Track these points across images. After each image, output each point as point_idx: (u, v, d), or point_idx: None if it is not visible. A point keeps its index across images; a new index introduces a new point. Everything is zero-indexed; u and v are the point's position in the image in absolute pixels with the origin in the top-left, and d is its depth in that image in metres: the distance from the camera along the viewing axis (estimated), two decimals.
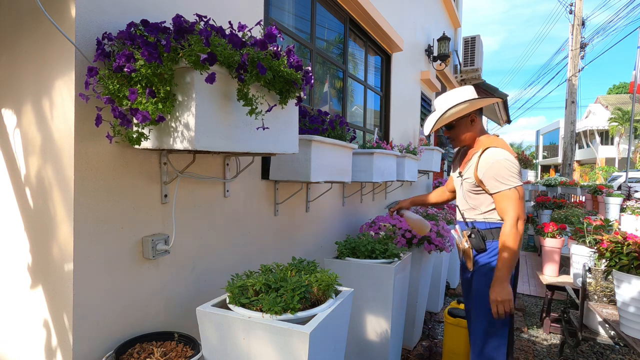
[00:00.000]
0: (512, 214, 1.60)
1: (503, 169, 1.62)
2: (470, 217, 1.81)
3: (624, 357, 2.76)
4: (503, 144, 1.71)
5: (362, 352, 2.18)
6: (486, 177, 1.66)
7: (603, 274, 2.27)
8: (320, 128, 1.99)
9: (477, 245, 1.73)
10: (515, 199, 1.61)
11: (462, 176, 1.82)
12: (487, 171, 1.65)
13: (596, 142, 29.08)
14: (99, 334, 1.22)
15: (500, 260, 1.60)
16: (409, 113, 4.78)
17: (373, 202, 3.53)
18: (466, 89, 1.79)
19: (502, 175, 1.62)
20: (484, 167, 1.66)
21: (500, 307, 1.59)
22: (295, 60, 1.29)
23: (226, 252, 1.74)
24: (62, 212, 1.16)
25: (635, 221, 4.45)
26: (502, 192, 1.63)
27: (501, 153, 1.65)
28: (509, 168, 1.62)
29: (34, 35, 1.22)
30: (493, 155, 1.65)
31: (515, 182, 1.62)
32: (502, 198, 1.63)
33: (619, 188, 5.75)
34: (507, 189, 1.62)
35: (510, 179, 1.62)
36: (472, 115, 1.78)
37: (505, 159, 1.63)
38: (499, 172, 1.63)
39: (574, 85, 11.35)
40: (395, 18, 4.00)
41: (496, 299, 1.59)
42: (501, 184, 1.63)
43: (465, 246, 1.78)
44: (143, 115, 1.02)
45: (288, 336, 1.11)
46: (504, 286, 1.58)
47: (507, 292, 1.58)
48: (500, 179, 1.63)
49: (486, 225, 1.74)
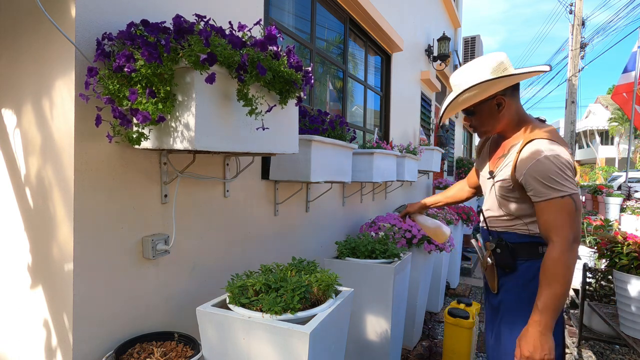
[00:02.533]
0: (566, 233, 1.14)
1: (553, 167, 1.16)
2: (498, 226, 1.38)
3: (624, 357, 2.76)
4: (554, 135, 1.24)
5: (362, 352, 2.18)
6: (528, 178, 1.20)
7: (603, 274, 2.27)
8: (320, 128, 1.99)
9: (503, 263, 1.34)
10: (570, 211, 1.15)
11: (493, 177, 1.36)
12: (529, 171, 1.20)
13: (596, 142, 29.09)
14: (99, 334, 1.22)
15: (541, 298, 1.14)
16: (409, 113, 4.78)
17: (373, 202, 3.53)
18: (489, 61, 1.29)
19: (550, 176, 1.16)
20: (525, 165, 1.21)
21: None
22: (295, 61, 1.29)
23: (226, 252, 1.75)
24: (62, 212, 1.16)
25: (635, 221, 4.45)
26: (552, 200, 1.16)
27: (551, 147, 1.19)
28: (562, 168, 1.16)
29: (34, 35, 1.22)
30: (539, 149, 1.20)
31: (570, 189, 1.16)
32: (551, 208, 1.17)
33: (619, 188, 5.76)
34: (558, 196, 1.16)
35: (564, 182, 1.16)
36: (498, 97, 1.31)
37: (557, 155, 1.17)
38: (547, 173, 1.17)
39: (574, 85, 11.35)
40: (395, 18, 4.00)
41: (531, 356, 1.12)
42: (550, 188, 1.17)
43: (489, 262, 1.39)
44: (143, 116, 1.03)
45: (288, 336, 1.11)
46: (544, 336, 1.11)
47: (550, 348, 1.11)
48: (549, 182, 1.17)
49: (519, 238, 1.31)
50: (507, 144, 1.36)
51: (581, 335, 2.35)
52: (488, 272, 1.42)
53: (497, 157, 1.39)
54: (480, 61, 1.32)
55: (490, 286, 1.42)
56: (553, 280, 1.13)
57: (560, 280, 1.12)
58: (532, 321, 1.15)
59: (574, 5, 11.60)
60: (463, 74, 1.33)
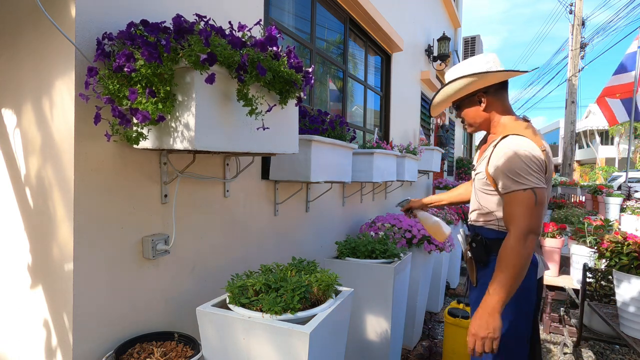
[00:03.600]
0: (521, 224, 1.21)
1: (519, 162, 1.23)
2: (478, 221, 1.45)
3: (624, 357, 2.76)
4: (529, 133, 1.30)
5: (362, 352, 2.18)
6: (497, 172, 1.27)
7: (603, 274, 2.27)
8: (320, 128, 1.99)
9: (477, 257, 1.41)
10: (529, 204, 1.21)
11: (475, 170, 1.46)
12: (498, 164, 1.27)
13: (596, 142, 29.09)
14: (99, 334, 1.22)
15: (493, 282, 1.22)
16: (409, 113, 4.78)
17: (373, 202, 3.53)
18: (477, 60, 1.40)
19: (516, 170, 1.23)
20: (496, 159, 1.29)
21: (479, 343, 1.20)
22: (296, 61, 1.29)
23: (226, 252, 1.74)
24: (62, 212, 1.16)
25: (635, 221, 4.45)
26: (514, 192, 1.23)
27: (521, 142, 1.25)
28: (528, 162, 1.22)
29: (33, 35, 1.22)
30: (509, 144, 1.27)
31: (534, 182, 1.22)
32: (512, 201, 1.24)
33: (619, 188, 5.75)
34: (520, 189, 1.22)
35: (527, 176, 1.22)
36: (479, 94, 1.41)
37: (525, 150, 1.23)
38: (513, 166, 1.23)
39: (574, 85, 11.34)
40: (395, 18, 4.00)
41: (478, 334, 1.20)
42: (514, 181, 1.23)
43: (469, 255, 1.46)
44: (143, 115, 1.03)
45: (288, 336, 1.11)
46: (491, 318, 1.19)
47: (494, 328, 1.18)
48: (514, 175, 1.23)
49: (497, 234, 1.37)
50: (490, 139, 1.43)
51: (581, 335, 2.35)
52: (468, 264, 1.49)
53: (481, 152, 1.47)
54: (469, 60, 1.42)
55: (471, 279, 1.48)
56: (505, 267, 1.21)
57: (511, 267, 1.20)
58: (482, 303, 1.23)
59: (574, 5, 11.59)
60: (452, 71, 1.45)
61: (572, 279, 2.84)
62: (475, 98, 1.43)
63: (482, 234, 1.42)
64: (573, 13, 11.58)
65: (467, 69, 1.40)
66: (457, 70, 1.43)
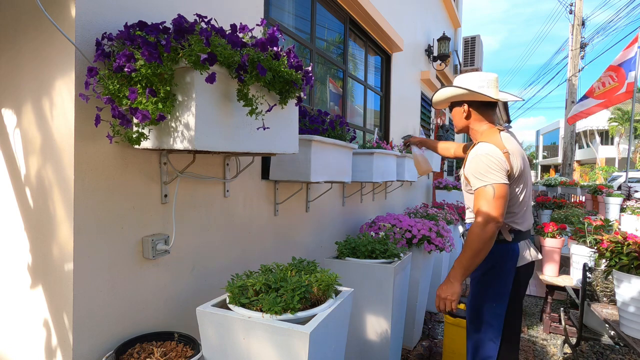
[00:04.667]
0: (483, 214, 1.46)
1: (481, 163, 1.49)
2: (469, 218, 1.74)
3: (624, 357, 2.76)
4: (495, 139, 1.55)
5: (362, 352, 2.18)
6: (469, 173, 1.56)
7: (603, 274, 2.27)
8: (320, 128, 1.99)
9: None
10: (488, 197, 1.45)
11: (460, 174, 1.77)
12: (469, 167, 1.55)
13: (596, 142, 29.09)
14: (99, 334, 1.22)
15: (459, 257, 1.52)
16: (409, 113, 4.78)
17: (373, 202, 3.53)
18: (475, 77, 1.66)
19: (479, 170, 1.49)
20: (468, 163, 1.57)
21: (441, 303, 1.55)
22: (296, 61, 1.29)
23: (226, 252, 1.74)
24: (62, 212, 1.16)
25: (635, 221, 4.45)
26: (478, 189, 1.50)
27: (485, 147, 1.52)
28: (488, 163, 1.47)
29: (34, 35, 1.22)
30: (476, 150, 1.54)
31: (493, 179, 1.46)
32: (477, 195, 1.50)
33: (619, 188, 5.74)
34: (482, 185, 1.48)
35: (487, 174, 1.47)
36: (463, 105, 1.69)
37: (486, 154, 1.49)
38: (477, 168, 1.50)
39: (574, 85, 11.34)
40: (395, 18, 4.00)
41: (440, 295, 1.55)
42: (477, 180, 1.50)
43: None
44: (143, 115, 1.02)
45: (288, 336, 1.11)
46: (451, 285, 1.52)
47: (452, 292, 1.52)
48: (477, 175, 1.50)
49: None
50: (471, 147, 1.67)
51: (581, 335, 2.35)
52: None
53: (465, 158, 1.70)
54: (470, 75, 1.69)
55: None
56: (468, 247, 1.49)
57: (472, 248, 1.48)
58: (448, 274, 1.55)
59: (574, 5, 11.60)
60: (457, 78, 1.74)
61: (572, 279, 2.84)
62: (460, 107, 1.72)
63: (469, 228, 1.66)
64: (573, 13, 11.59)
65: (464, 81, 1.68)
66: (458, 80, 1.71)
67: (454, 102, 1.74)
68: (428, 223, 2.72)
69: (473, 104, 1.67)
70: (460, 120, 1.73)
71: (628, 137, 7.42)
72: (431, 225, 2.70)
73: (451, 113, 1.79)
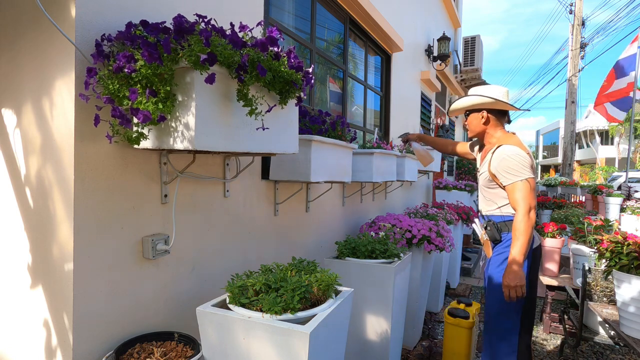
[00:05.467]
0: (524, 204, 1.73)
1: (513, 162, 1.76)
2: (486, 211, 1.97)
3: (624, 357, 2.76)
4: (516, 141, 1.84)
5: (362, 352, 2.18)
6: (499, 170, 1.81)
7: (603, 274, 2.27)
8: (320, 128, 1.99)
9: (492, 237, 1.91)
10: (526, 190, 1.74)
11: (479, 172, 2.01)
12: (499, 165, 1.80)
13: (596, 142, 29.09)
14: (99, 334, 1.22)
15: (514, 246, 1.73)
16: (409, 113, 4.78)
17: (373, 202, 3.53)
18: (493, 88, 1.93)
19: (513, 168, 1.76)
20: (496, 161, 1.82)
21: (512, 291, 1.70)
22: (296, 61, 1.29)
23: (226, 252, 1.74)
24: (62, 212, 1.16)
25: (635, 221, 4.45)
26: (514, 183, 1.77)
27: (512, 149, 1.79)
28: (520, 162, 1.76)
29: (33, 35, 1.22)
30: (505, 150, 1.80)
31: (526, 175, 1.75)
32: (514, 189, 1.77)
33: (619, 188, 5.74)
34: (518, 180, 1.75)
35: (521, 171, 1.75)
36: (483, 112, 1.93)
37: (516, 154, 1.77)
38: (510, 165, 1.77)
39: (574, 85, 11.34)
40: (395, 18, 4.00)
41: (509, 284, 1.70)
42: (513, 176, 1.77)
43: (484, 238, 1.96)
44: (144, 115, 1.02)
45: (288, 336, 1.11)
46: (516, 271, 1.70)
47: (519, 277, 1.69)
48: (512, 172, 1.77)
49: (502, 218, 1.90)
50: (487, 149, 1.97)
51: (581, 335, 2.35)
52: (485, 244, 1.98)
53: (482, 158, 2.01)
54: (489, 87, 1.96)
55: (486, 253, 1.99)
56: (519, 234, 1.73)
57: (525, 234, 1.72)
58: (508, 262, 1.74)
59: (574, 5, 11.59)
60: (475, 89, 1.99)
61: (572, 279, 2.84)
62: (479, 114, 1.95)
63: (492, 219, 1.94)
64: (573, 13, 11.58)
65: (485, 91, 1.93)
66: (479, 90, 1.97)
67: (471, 110, 1.98)
68: (428, 223, 2.72)
69: (491, 111, 1.93)
70: (478, 126, 1.97)
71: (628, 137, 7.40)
72: (431, 225, 2.70)
73: (467, 119, 2.02)
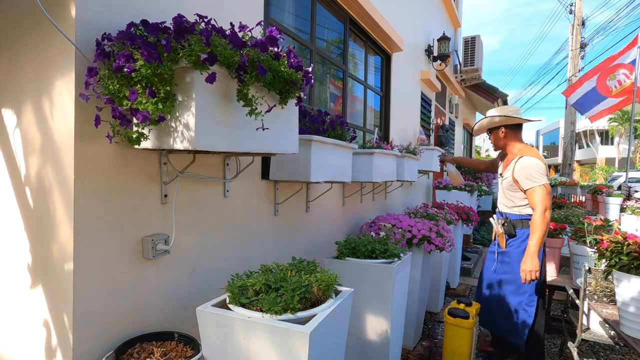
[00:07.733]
0: (541, 205, 2.13)
1: (533, 170, 2.17)
2: (505, 209, 2.39)
3: (624, 357, 2.76)
4: (535, 153, 2.28)
5: (362, 352, 2.18)
6: (520, 177, 2.22)
7: (603, 274, 2.26)
8: (320, 128, 1.99)
9: (508, 231, 2.33)
10: (544, 193, 2.14)
11: (502, 176, 2.42)
12: (520, 172, 2.22)
13: (596, 142, 29.09)
14: (99, 334, 1.22)
15: (532, 239, 2.15)
16: (409, 113, 4.78)
17: (373, 202, 3.53)
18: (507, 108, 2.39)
19: (533, 175, 2.17)
20: (519, 170, 2.23)
21: (529, 275, 2.13)
22: (296, 61, 1.29)
23: (226, 252, 1.74)
24: (62, 212, 1.16)
25: (635, 221, 4.44)
26: (533, 188, 2.17)
27: (532, 160, 2.21)
28: (538, 170, 2.18)
29: (33, 35, 1.22)
30: (526, 160, 2.22)
31: (543, 181, 2.16)
32: (533, 193, 2.17)
33: (619, 188, 5.74)
34: (537, 185, 2.16)
35: (539, 178, 2.16)
36: (501, 128, 2.38)
37: (535, 164, 2.19)
38: (531, 173, 2.18)
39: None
40: (395, 18, 4.00)
41: (527, 269, 2.13)
42: (532, 182, 2.17)
43: (500, 231, 2.38)
44: (144, 115, 1.02)
45: (288, 336, 1.11)
46: (534, 259, 2.12)
47: (536, 264, 2.12)
48: (532, 178, 2.17)
49: (518, 217, 2.31)
50: (509, 158, 2.40)
51: (581, 336, 2.35)
52: (500, 237, 2.40)
53: (504, 166, 2.43)
54: (503, 107, 2.40)
55: (501, 245, 2.40)
56: (536, 229, 2.15)
57: (541, 229, 2.14)
58: (527, 252, 2.17)
59: (574, 5, 11.60)
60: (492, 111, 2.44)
61: (572, 279, 2.84)
62: (498, 130, 2.41)
63: (509, 217, 2.36)
64: (573, 13, 11.59)
65: (500, 112, 2.39)
66: (495, 111, 2.42)
67: (492, 128, 2.43)
68: (428, 223, 2.71)
69: (508, 126, 2.36)
70: (499, 140, 2.42)
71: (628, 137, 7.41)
72: (431, 225, 2.70)
73: (490, 136, 2.49)
